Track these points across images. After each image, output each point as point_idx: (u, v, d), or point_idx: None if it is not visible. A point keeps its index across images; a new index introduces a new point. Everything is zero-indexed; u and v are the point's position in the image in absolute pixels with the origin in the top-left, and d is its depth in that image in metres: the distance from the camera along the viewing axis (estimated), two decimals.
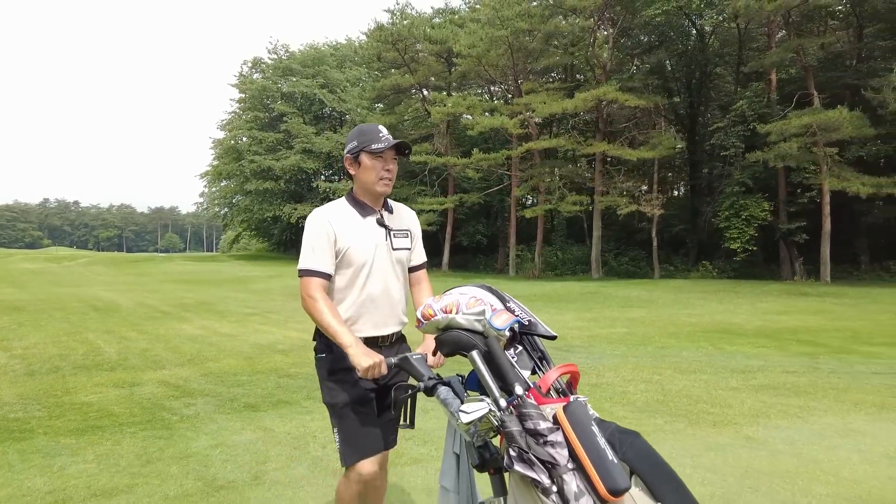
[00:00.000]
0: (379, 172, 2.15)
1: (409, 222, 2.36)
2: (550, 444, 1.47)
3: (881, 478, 3.50)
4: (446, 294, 1.88)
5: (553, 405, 1.58)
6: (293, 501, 3.14)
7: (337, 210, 2.21)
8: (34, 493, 3.25)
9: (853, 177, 19.58)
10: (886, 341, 9.95)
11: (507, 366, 1.67)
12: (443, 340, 1.80)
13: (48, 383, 6.18)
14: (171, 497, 3.19)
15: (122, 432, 4.38)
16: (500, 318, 1.75)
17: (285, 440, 4.15)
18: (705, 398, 5.48)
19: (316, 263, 2.10)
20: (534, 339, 1.88)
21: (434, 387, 1.76)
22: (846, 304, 15.60)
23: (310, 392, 5.59)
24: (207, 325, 11.05)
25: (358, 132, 2.21)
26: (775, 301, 16.57)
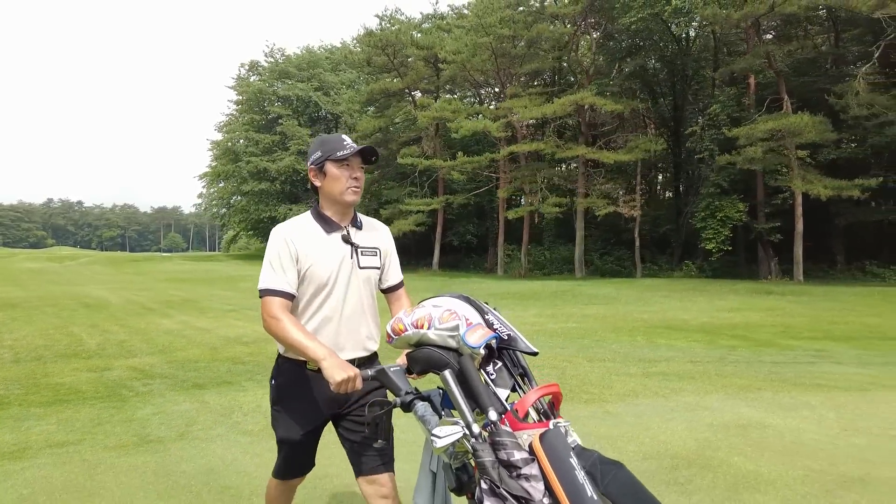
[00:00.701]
0: (346, 181, 2.03)
1: (378, 239, 2.21)
2: (525, 477, 1.39)
3: (689, 439, 4.32)
4: (419, 306, 1.78)
5: (530, 431, 1.49)
6: (205, 452, 3.99)
7: (299, 226, 2.08)
8: (2, 445, 4.11)
9: (816, 179, 20.35)
10: (812, 336, 10.75)
11: (480, 388, 1.58)
12: (414, 358, 1.72)
13: (30, 369, 7.06)
14: (109, 447, 4.05)
15: (84, 404, 5.25)
16: (475, 334, 1.66)
17: (215, 409, 5.02)
18: (596, 382, 6.31)
19: (277, 283, 1.96)
20: (515, 355, 1.77)
21: (411, 402, 1.67)
22: (800, 302, 16.36)
23: (252, 375, 6.46)
24: (186, 320, 11.93)
25: (320, 142, 2.10)
26: (735, 299, 17.36)
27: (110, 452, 3.94)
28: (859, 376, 6.81)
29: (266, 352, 8.02)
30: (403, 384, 1.72)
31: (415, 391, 1.71)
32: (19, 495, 3.23)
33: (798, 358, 8.42)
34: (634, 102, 25.79)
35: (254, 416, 4.82)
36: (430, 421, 1.62)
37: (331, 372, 1.77)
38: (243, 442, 4.18)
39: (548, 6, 25.63)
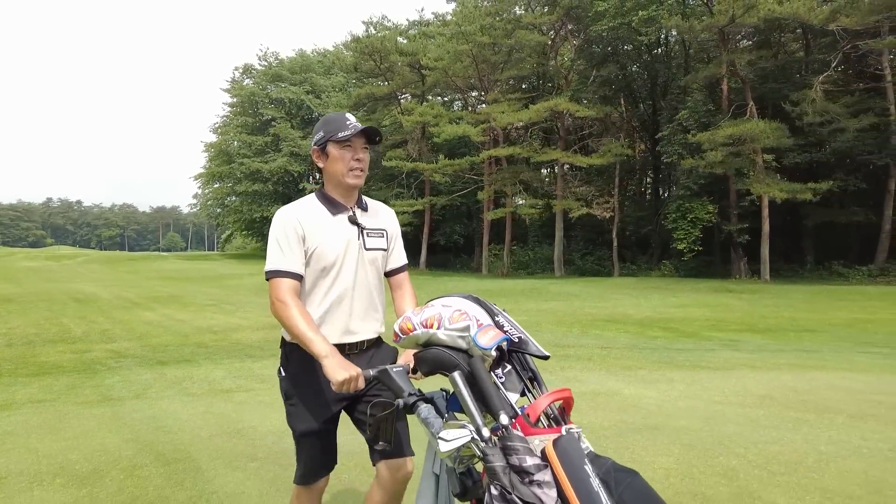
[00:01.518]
0: (348, 162, 1.98)
1: (385, 221, 2.18)
2: (537, 483, 1.36)
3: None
4: (428, 305, 1.76)
5: (542, 437, 1.47)
6: (153, 406, 5.05)
7: (305, 207, 2.04)
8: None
9: (773, 182, 21.40)
10: (736, 328, 11.82)
11: (491, 390, 1.53)
12: (422, 358, 1.68)
13: (21, 351, 8.13)
14: (78, 403, 5.13)
15: (63, 375, 6.33)
16: (487, 335, 1.62)
17: (170, 379, 6.10)
18: None
19: (285, 263, 1.93)
20: (524, 358, 1.74)
21: (414, 404, 1.64)
22: (748, 300, 17.44)
23: (210, 356, 7.54)
24: (168, 313, 13.00)
25: (324, 122, 2.05)
26: (689, 297, 18.44)
27: (78, 406, 5.02)
28: (739, 360, 7.87)
29: (230, 338, 9.09)
30: (406, 385, 1.68)
31: (418, 392, 1.67)
32: (4, 431, 4.29)
33: (705, 346, 9.48)
34: (608, 108, 26.84)
35: (200, 385, 5.89)
36: (434, 423, 1.58)
37: (332, 371, 1.74)
38: (185, 400, 5.26)
39: (524, 15, 26.65)
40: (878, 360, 8.01)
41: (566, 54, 29.27)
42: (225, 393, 5.49)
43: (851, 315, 13.64)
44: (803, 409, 4.90)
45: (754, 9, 20.24)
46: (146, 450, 3.85)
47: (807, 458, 3.58)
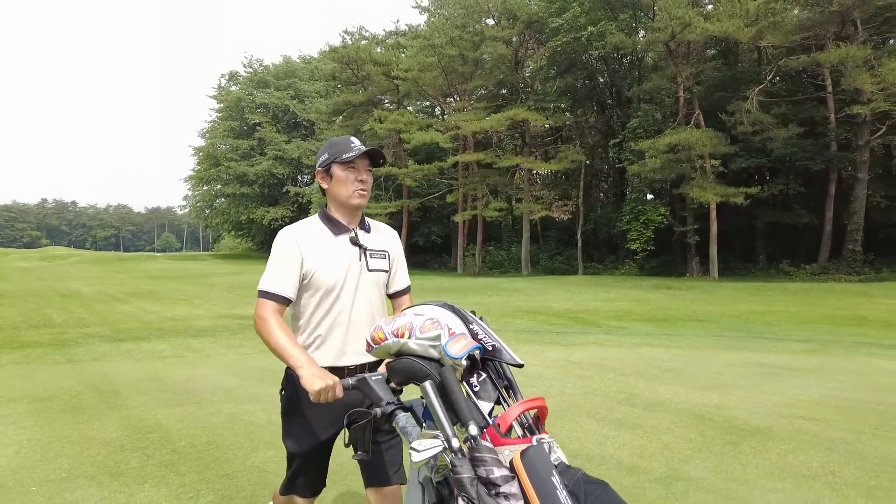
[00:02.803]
0: (352, 184, 2.01)
1: (387, 242, 2.20)
2: (504, 495, 1.34)
3: None
4: (400, 315, 1.74)
5: (512, 447, 1.45)
6: (104, 366, 6.77)
7: (307, 229, 2.06)
8: None
9: (709, 187, 23.20)
10: (635, 318, 13.58)
11: (461, 400, 1.52)
12: (394, 368, 1.67)
13: (8, 333, 9.85)
14: (46, 363, 6.87)
15: (40, 348, 8.07)
16: (457, 344, 1.60)
17: (124, 350, 7.86)
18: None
19: (274, 286, 1.95)
20: (500, 366, 1.72)
21: (392, 413, 1.64)
22: (674, 295, 19.21)
23: (162, 335, 9.27)
24: (141, 306, 14.72)
25: (329, 145, 2.08)
26: (623, 292, 20.22)
27: (47, 365, 6.78)
28: (600, 339, 9.63)
29: (185, 324, 10.82)
30: (385, 394, 1.69)
31: (396, 401, 1.68)
32: None
33: (590, 330, 11.24)
34: (566, 117, 28.63)
35: (144, 353, 7.65)
36: (411, 433, 1.59)
37: (308, 381, 1.75)
38: (129, 362, 7.01)
39: (487, 28, 28.43)
40: (720, 341, 9.76)
41: (532, 65, 31.04)
42: (161, 358, 7.25)
43: (748, 307, 15.42)
44: (586, 368, 6.67)
45: (690, 27, 22.01)
46: (90, 387, 5.61)
47: (563, 399, 5.33)
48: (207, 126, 53.68)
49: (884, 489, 3.18)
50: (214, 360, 7.19)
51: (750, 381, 5.95)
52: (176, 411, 4.76)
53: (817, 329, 11.61)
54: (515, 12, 27.84)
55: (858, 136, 24.57)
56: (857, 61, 19.82)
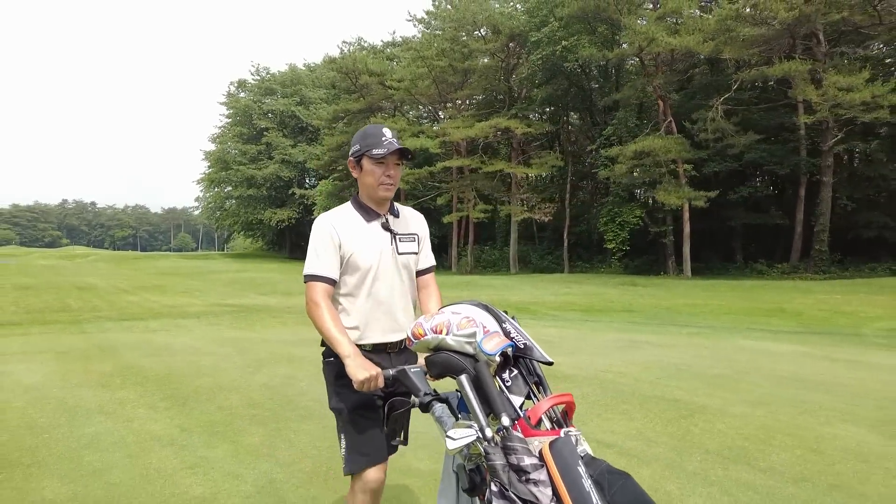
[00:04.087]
0: (379, 178, 2.11)
1: (415, 226, 2.31)
2: (533, 482, 1.44)
3: None
4: (439, 312, 1.86)
5: (541, 438, 1.55)
6: (108, 336, 8.82)
7: (341, 215, 2.18)
8: (12, 330, 9.02)
9: (673, 190, 24.85)
10: (575, 308, 15.41)
11: (494, 393, 1.62)
12: (432, 361, 1.78)
13: (33, 316, 12.01)
14: (64, 333, 8.93)
15: (59, 325, 10.20)
16: (492, 341, 1.71)
17: (125, 326, 9.97)
18: None
19: (320, 269, 2.07)
20: (530, 363, 1.81)
21: (430, 403, 1.75)
22: (634, 292, 20.93)
23: (157, 317, 11.34)
24: (147, 296, 16.87)
25: (362, 135, 2.17)
26: (584, 287, 22.02)
27: (64, 335, 8.88)
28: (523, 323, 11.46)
29: (180, 310, 12.88)
30: (423, 385, 1.79)
31: (433, 392, 1.79)
32: (24, 342, 8.10)
33: (524, 317, 13.09)
34: (546, 125, 30.43)
35: (140, 328, 9.73)
36: (447, 422, 1.70)
37: (354, 371, 1.87)
38: (127, 333, 9.07)
39: (470, 41, 30.36)
40: (626, 326, 11.59)
41: (516, 76, 32.86)
42: (152, 331, 9.33)
43: (689, 301, 17.13)
44: None
45: (655, 41, 23.69)
46: (95, 346, 7.69)
47: None
48: (218, 131, 56.18)
49: (634, 409, 4.80)
50: (193, 332, 9.23)
51: (605, 351, 7.75)
52: (152, 359, 6.79)
53: (725, 318, 13.40)
54: (499, 26, 29.70)
55: (822, 143, 26.01)
56: (802, 74, 21.35)
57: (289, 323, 10.69)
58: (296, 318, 11.52)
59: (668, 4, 24.84)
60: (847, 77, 20.77)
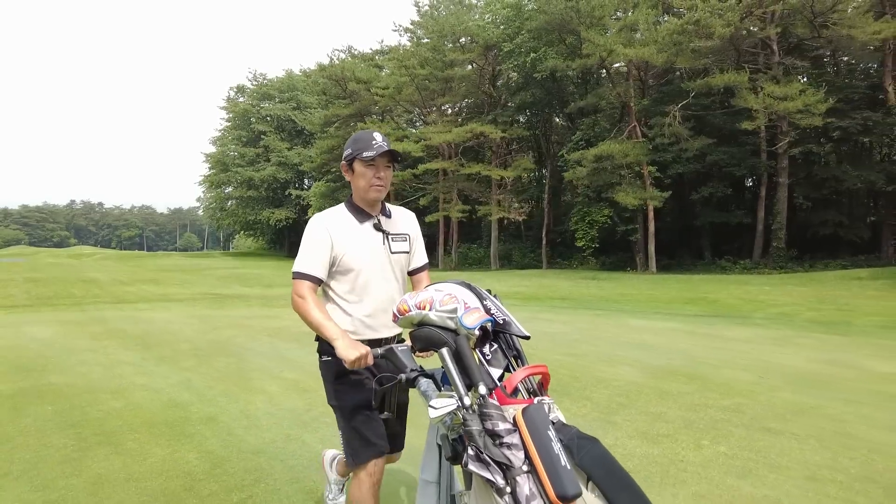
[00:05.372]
0: (370, 179, 2.19)
1: (407, 226, 2.40)
2: (506, 445, 1.53)
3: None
4: (423, 290, 1.94)
5: (516, 406, 1.63)
6: (102, 312, 10.93)
7: (335, 216, 2.26)
8: (24, 311, 11.17)
9: (631, 191, 26.77)
10: (517, 298, 17.40)
11: (473, 365, 1.72)
12: (416, 336, 1.87)
13: (43, 300, 14.19)
14: (67, 310, 11.07)
15: (63, 307, 12.32)
16: (471, 316, 1.79)
17: (117, 306, 12.09)
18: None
19: (307, 267, 2.16)
20: (509, 338, 1.91)
21: (415, 378, 1.85)
22: (588, 284, 22.94)
23: (144, 300, 13.46)
24: (143, 287, 19.04)
25: (353, 140, 2.26)
26: (544, 281, 24.02)
27: (66, 312, 11.00)
28: None
29: (165, 297, 15.01)
30: (410, 362, 1.92)
31: (419, 369, 1.90)
32: (36, 315, 10.23)
33: None
34: (520, 130, 32.43)
35: (130, 308, 11.83)
36: (431, 396, 1.78)
37: (344, 351, 1.96)
38: (118, 310, 11.16)
39: (449, 50, 32.37)
40: (547, 311, 13.59)
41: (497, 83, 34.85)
42: (140, 310, 11.46)
43: (633, 292, 19.09)
44: None
45: (613, 53, 25.63)
46: (90, 318, 9.85)
47: None
48: (218, 134, 58.47)
49: None
50: (172, 311, 11.35)
51: None
52: (133, 325, 8.93)
53: (643, 305, 15.38)
54: (475, 37, 31.72)
55: (777, 146, 27.81)
56: (744, 84, 23.22)
57: (254, 306, 12.80)
58: (262, 301, 13.65)
59: (627, 18, 26.78)
60: (782, 87, 22.65)
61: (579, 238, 32.48)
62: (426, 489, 1.96)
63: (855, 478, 3.23)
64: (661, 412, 4.52)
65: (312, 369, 5.82)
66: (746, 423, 4.24)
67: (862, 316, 12.75)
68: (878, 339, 8.82)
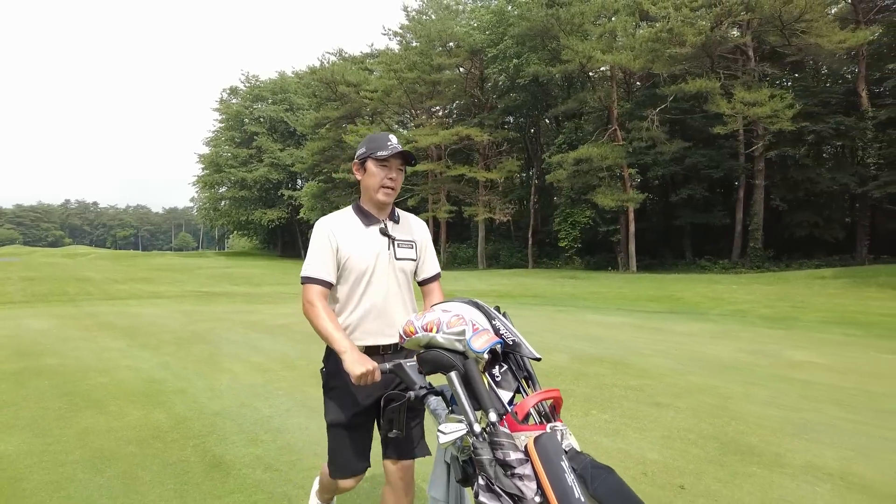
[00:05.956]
0: (381, 180, 2.16)
1: (416, 233, 2.35)
2: (518, 476, 1.50)
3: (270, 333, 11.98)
4: (429, 310, 1.90)
5: (527, 433, 1.60)
6: (94, 307, 11.73)
7: (341, 219, 2.23)
8: (20, 306, 11.97)
9: (609, 193, 27.66)
10: (490, 294, 18.24)
11: (483, 390, 1.68)
12: (423, 359, 1.82)
13: (38, 297, 14.96)
14: (60, 305, 11.86)
15: (58, 302, 13.10)
16: (480, 339, 1.76)
17: (110, 302, 12.86)
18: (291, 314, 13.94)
19: (316, 272, 2.12)
20: (520, 359, 1.88)
21: (424, 396, 1.82)
22: (562, 282, 23.82)
23: (135, 297, 14.24)
24: (135, 286, 19.83)
25: (368, 140, 2.23)
26: (525, 280, 24.89)
27: (59, 307, 11.80)
28: None
29: (154, 294, 15.80)
30: (418, 379, 1.87)
31: (428, 386, 1.86)
32: (32, 310, 11.03)
33: None
34: (505, 132, 33.29)
35: (121, 303, 12.61)
36: (441, 414, 1.78)
37: (351, 366, 1.89)
38: (109, 306, 11.95)
39: (436, 55, 33.21)
40: (511, 304, 14.41)
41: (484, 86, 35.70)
42: (129, 306, 12.27)
43: (604, 290, 19.99)
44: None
45: (593, 59, 26.51)
46: (82, 313, 10.65)
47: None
48: (211, 135, 59.13)
49: None
50: (160, 306, 12.16)
51: None
52: (121, 318, 9.74)
53: (609, 301, 16.25)
54: (461, 43, 32.57)
55: (753, 149, 28.72)
56: (716, 90, 24.15)
57: (237, 302, 13.62)
58: (245, 299, 14.47)
59: (606, 25, 27.67)
60: (752, 93, 23.57)
61: (562, 238, 33.33)
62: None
63: (702, 436, 4.02)
64: (570, 389, 5.28)
65: (277, 355, 6.73)
66: (640, 399, 4.96)
67: (811, 312, 13.64)
68: (815, 333, 9.60)
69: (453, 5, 38.17)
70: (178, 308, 11.82)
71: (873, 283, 19.40)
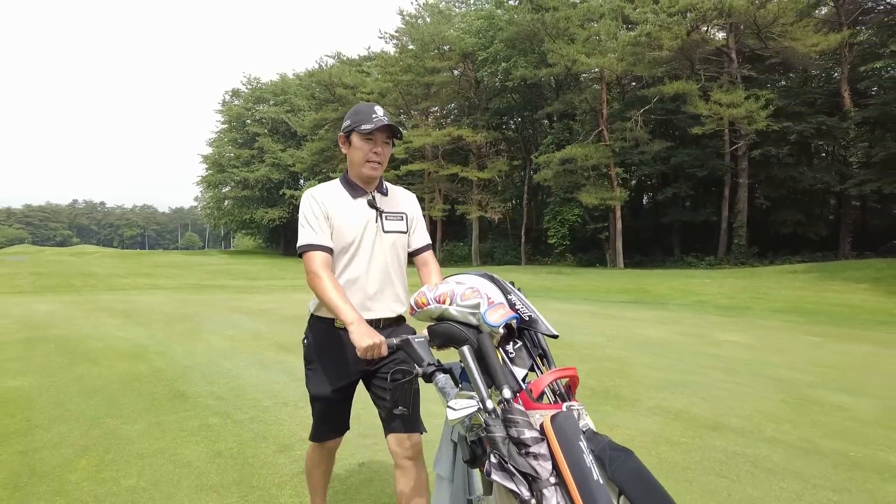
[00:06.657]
0: (367, 154, 2.09)
1: (404, 205, 2.28)
2: (533, 455, 1.44)
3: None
4: (443, 282, 1.86)
5: (543, 412, 1.53)
6: (97, 297, 12.87)
7: (328, 189, 2.17)
8: (28, 295, 13.13)
9: (594, 192, 28.61)
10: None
11: (497, 365, 1.62)
12: (435, 331, 1.79)
13: (47, 289, 16.10)
14: (68, 294, 13.01)
15: (65, 294, 14.25)
16: (496, 313, 1.69)
17: (110, 292, 13.99)
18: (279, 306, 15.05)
19: (314, 238, 2.06)
20: (535, 336, 1.81)
21: (433, 373, 1.74)
22: (548, 277, 24.79)
23: (135, 288, 15.39)
24: (137, 279, 21.00)
25: (353, 112, 2.17)
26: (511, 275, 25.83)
27: (68, 296, 12.95)
28: None
29: (154, 285, 16.95)
30: (426, 355, 1.78)
31: (437, 363, 1.76)
32: (44, 295, 12.18)
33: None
34: (496, 133, 34.30)
35: (121, 293, 13.72)
36: (449, 392, 1.74)
37: (357, 338, 1.82)
38: (111, 295, 13.08)
39: (429, 60, 34.27)
40: None
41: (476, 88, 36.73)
42: (129, 295, 13.38)
43: (582, 283, 21.02)
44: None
45: (578, 62, 27.47)
46: (85, 300, 11.79)
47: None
48: (214, 136, 60.44)
49: None
50: (157, 296, 13.28)
51: None
52: (121, 304, 10.88)
53: (581, 293, 17.27)
54: (453, 46, 33.61)
55: (736, 148, 29.56)
56: (694, 92, 25.07)
57: (229, 292, 14.75)
58: (238, 290, 15.59)
59: (590, 28, 28.62)
60: (728, 94, 24.48)
61: (551, 236, 34.29)
62: (439, 485, 1.96)
63: (583, 387, 4.89)
64: None
65: (250, 331, 7.80)
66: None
67: (767, 303, 14.59)
68: (759, 320, 10.37)
69: (447, 10, 39.20)
70: (173, 297, 12.93)
71: (839, 277, 20.30)
